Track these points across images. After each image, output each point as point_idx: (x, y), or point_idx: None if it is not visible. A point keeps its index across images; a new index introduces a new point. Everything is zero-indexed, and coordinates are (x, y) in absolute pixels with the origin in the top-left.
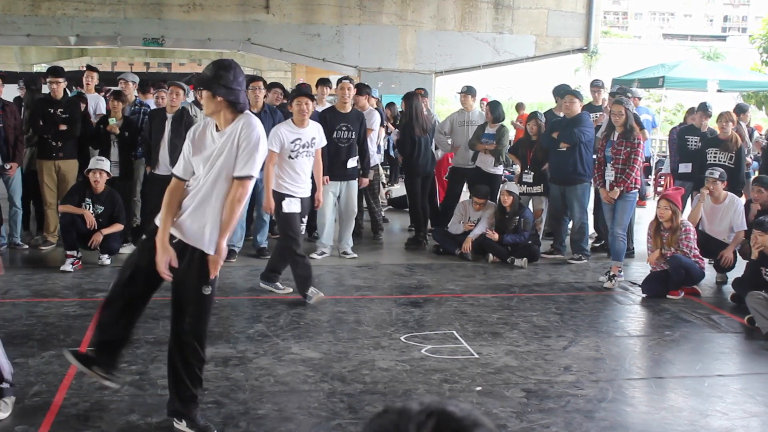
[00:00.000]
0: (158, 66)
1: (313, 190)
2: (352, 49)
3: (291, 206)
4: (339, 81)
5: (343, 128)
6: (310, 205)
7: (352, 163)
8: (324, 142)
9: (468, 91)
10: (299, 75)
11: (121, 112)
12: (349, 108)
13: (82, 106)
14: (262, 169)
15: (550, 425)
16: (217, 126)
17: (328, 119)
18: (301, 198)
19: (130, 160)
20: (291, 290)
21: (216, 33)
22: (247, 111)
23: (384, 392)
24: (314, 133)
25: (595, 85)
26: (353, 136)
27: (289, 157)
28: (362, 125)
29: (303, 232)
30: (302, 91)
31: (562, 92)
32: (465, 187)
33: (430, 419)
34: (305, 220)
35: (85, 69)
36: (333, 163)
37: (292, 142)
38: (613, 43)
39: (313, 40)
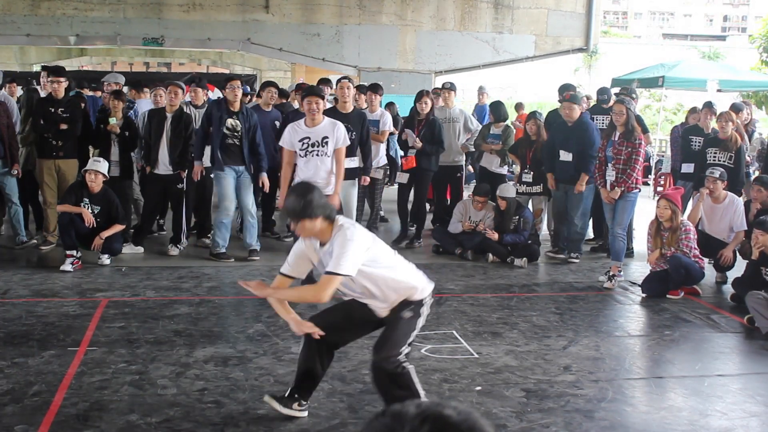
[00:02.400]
0: (158, 66)
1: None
2: (351, 48)
3: None
4: (338, 81)
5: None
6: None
7: (352, 163)
8: (344, 143)
9: (450, 88)
10: (299, 75)
11: (121, 112)
12: (350, 108)
13: (81, 105)
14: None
15: (549, 425)
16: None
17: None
18: None
19: (130, 159)
20: None
21: (216, 33)
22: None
23: None
24: (327, 133)
25: (601, 93)
26: (354, 137)
27: (299, 155)
28: (364, 125)
29: None
30: (312, 90)
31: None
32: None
33: (424, 424)
34: None
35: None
36: None
37: (299, 141)
38: (612, 43)
39: (313, 40)
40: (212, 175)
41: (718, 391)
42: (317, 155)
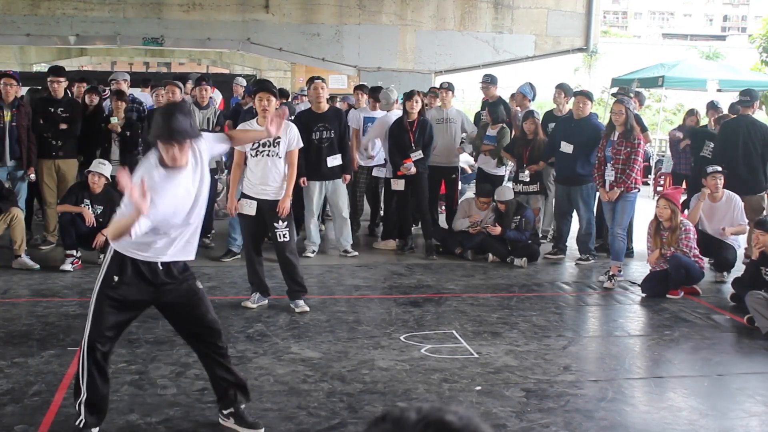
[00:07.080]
0: (158, 65)
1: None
2: (351, 48)
3: (244, 208)
4: (310, 81)
5: (321, 128)
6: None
7: (334, 161)
8: (297, 144)
9: (449, 88)
10: (299, 75)
11: (123, 111)
12: (324, 107)
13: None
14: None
15: (549, 425)
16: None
17: (304, 120)
18: (264, 200)
19: (131, 159)
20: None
21: (215, 32)
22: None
23: (384, 392)
24: (280, 133)
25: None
26: (332, 135)
27: (250, 155)
28: (341, 122)
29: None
30: (263, 86)
31: (571, 92)
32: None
33: (426, 430)
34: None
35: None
36: (315, 164)
37: None
38: (612, 43)
39: (313, 40)
40: (216, 177)
41: (718, 391)
42: (268, 155)
